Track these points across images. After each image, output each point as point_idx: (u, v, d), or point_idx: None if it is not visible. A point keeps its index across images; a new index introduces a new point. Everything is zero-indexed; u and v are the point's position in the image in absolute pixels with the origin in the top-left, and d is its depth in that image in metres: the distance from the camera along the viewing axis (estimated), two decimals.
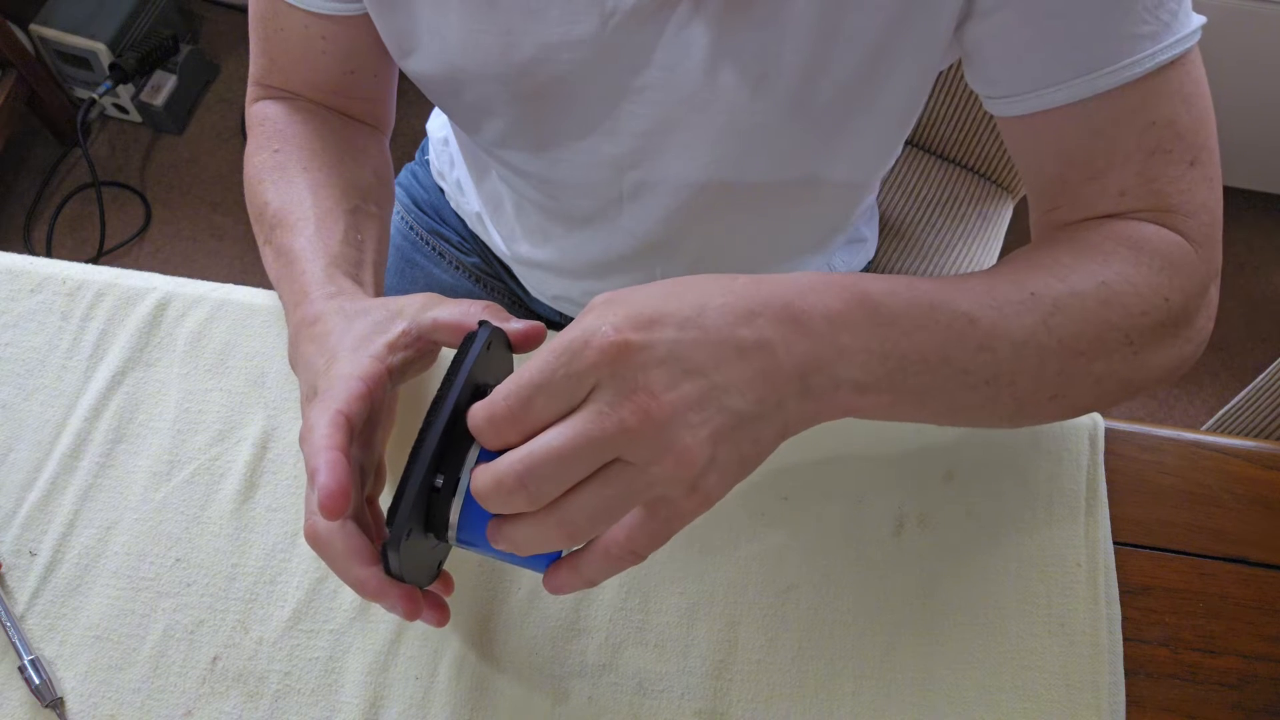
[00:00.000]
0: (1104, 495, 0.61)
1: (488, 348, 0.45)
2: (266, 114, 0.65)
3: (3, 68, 1.65)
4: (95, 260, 1.71)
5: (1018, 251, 0.54)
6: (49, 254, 1.73)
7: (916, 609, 0.57)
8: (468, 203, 0.84)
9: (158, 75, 1.78)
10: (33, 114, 1.75)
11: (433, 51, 0.59)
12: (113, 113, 1.83)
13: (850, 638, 0.57)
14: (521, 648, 0.56)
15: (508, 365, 0.48)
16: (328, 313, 0.52)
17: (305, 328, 0.52)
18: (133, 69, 1.72)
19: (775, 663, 0.56)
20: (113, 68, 1.71)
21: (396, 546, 0.42)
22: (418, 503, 0.42)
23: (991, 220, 1.04)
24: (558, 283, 0.81)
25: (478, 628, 0.57)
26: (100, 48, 1.70)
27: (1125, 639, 0.57)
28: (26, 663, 0.55)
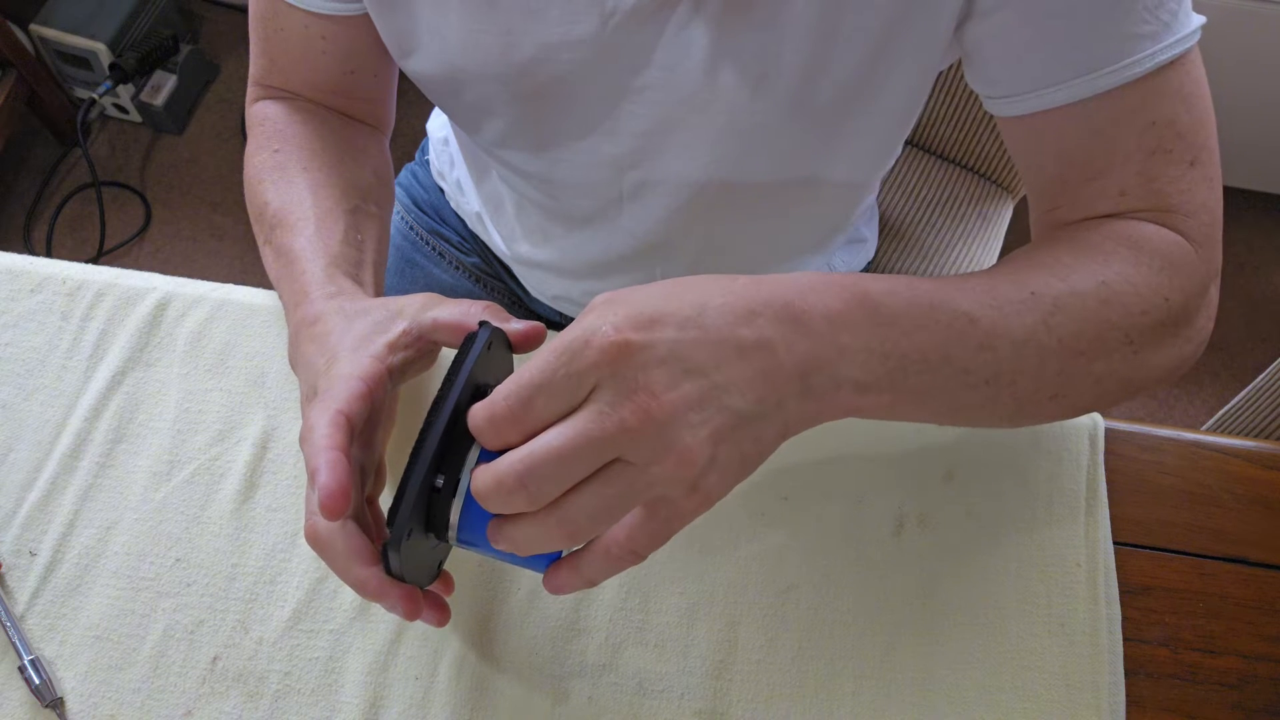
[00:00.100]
0: (1104, 495, 0.61)
1: (488, 348, 0.45)
2: (266, 114, 0.65)
3: (3, 68, 1.65)
4: (95, 260, 1.71)
5: (1018, 251, 0.54)
6: (49, 254, 1.73)
7: (916, 609, 0.57)
8: (468, 203, 0.84)
9: (158, 75, 1.78)
10: (33, 114, 1.75)
11: (433, 51, 0.59)
12: (113, 113, 1.83)
13: (850, 638, 0.57)
14: (521, 648, 0.56)
15: (508, 366, 0.48)
16: (328, 313, 0.52)
17: (305, 328, 0.52)
18: (133, 69, 1.72)
19: (775, 663, 0.56)
20: (113, 68, 1.71)
21: (397, 547, 0.42)
22: (418, 503, 0.42)
23: (991, 220, 1.04)
24: (558, 283, 0.81)
25: (478, 628, 0.57)
26: (100, 48, 1.70)
27: (1125, 639, 0.57)
28: (26, 663, 0.55)
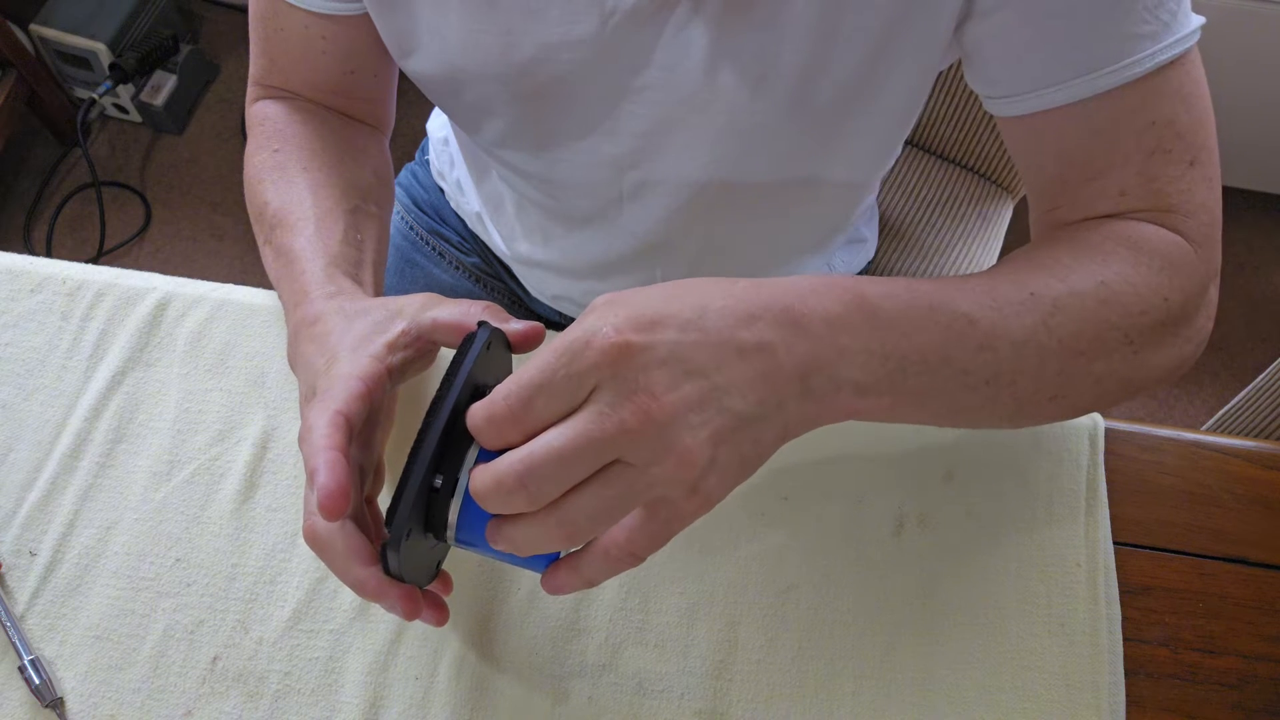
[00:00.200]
0: (1104, 495, 0.61)
1: (487, 348, 0.45)
2: (266, 114, 0.65)
3: (3, 68, 1.65)
4: (95, 260, 1.71)
5: (1017, 251, 0.54)
6: (49, 254, 1.73)
7: (916, 609, 0.57)
8: (468, 203, 0.84)
9: (158, 75, 1.78)
10: (33, 114, 1.75)
11: (433, 51, 0.59)
12: (113, 113, 1.83)
13: (850, 638, 0.57)
14: (521, 648, 0.56)
15: (507, 366, 0.48)
16: (327, 313, 0.52)
17: (305, 328, 0.52)
18: (133, 69, 1.72)
19: (775, 663, 0.56)
20: (113, 68, 1.71)
21: (396, 547, 0.42)
22: (417, 503, 0.42)
23: (991, 220, 1.04)
24: (558, 282, 0.81)
25: (478, 628, 0.57)
26: (100, 48, 1.70)
27: (1125, 639, 0.57)
28: (26, 663, 0.55)
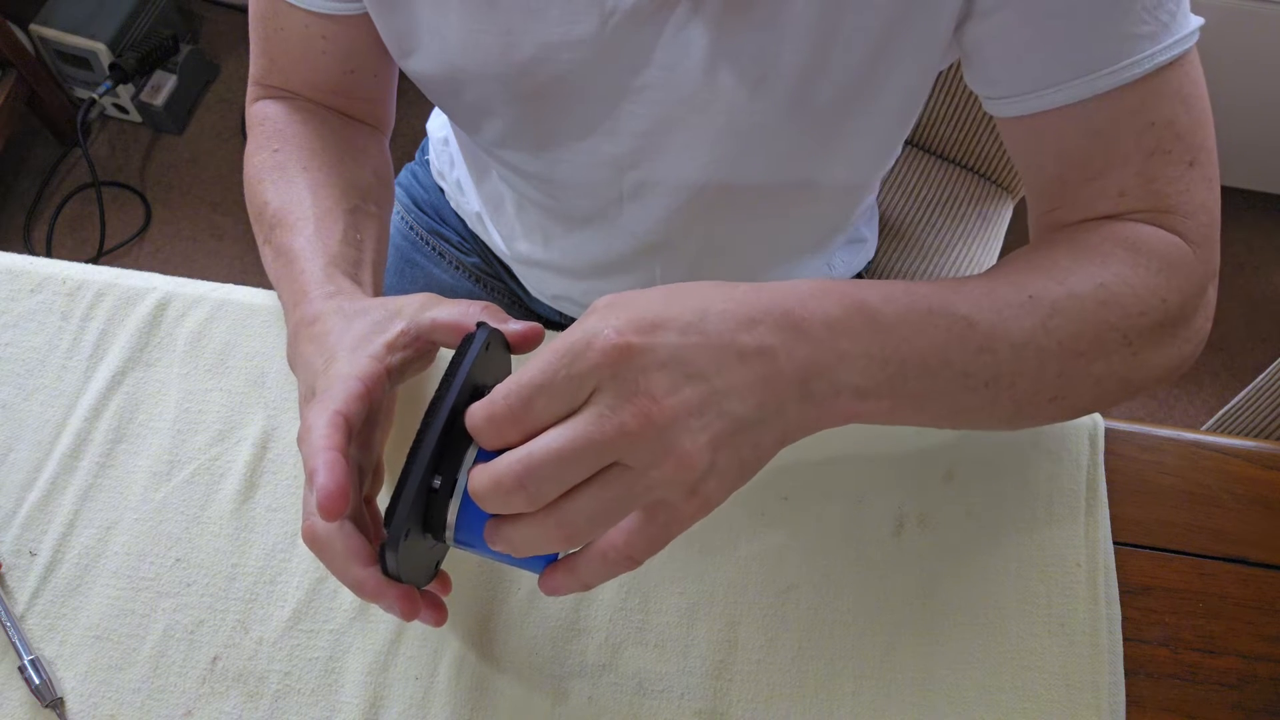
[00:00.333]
0: (1104, 495, 0.61)
1: (486, 348, 0.45)
2: (266, 114, 0.65)
3: (3, 68, 1.65)
4: (95, 260, 1.71)
5: (1015, 253, 0.54)
6: (49, 254, 1.73)
7: (916, 609, 0.57)
8: (468, 203, 0.84)
9: (158, 75, 1.78)
10: (33, 114, 1.75)
11: (433, 51, 0.59)
12: (113, 113, 1.83)
13: (850, 638, 0.57)
14: (521, 648, 0.56)
15: (506, 366, 0.48)
16: (326, 312, 0.52)
17: (304, 327, 0.52)
18: (133, 69, 1.72)
19: (775, 663, 0.56)
20: (113, 68, 1.71)
21: (394, 547, 0.42)
22: (415, 503, 0.42)
23: (991, 220, 1.04)
24: (558, 282, 0.81)
25: (478, 628, 0.57)
26: (100, 48, 1.70)
27: (1125, 639, 0.57)
28: (26, 663, 0.55)
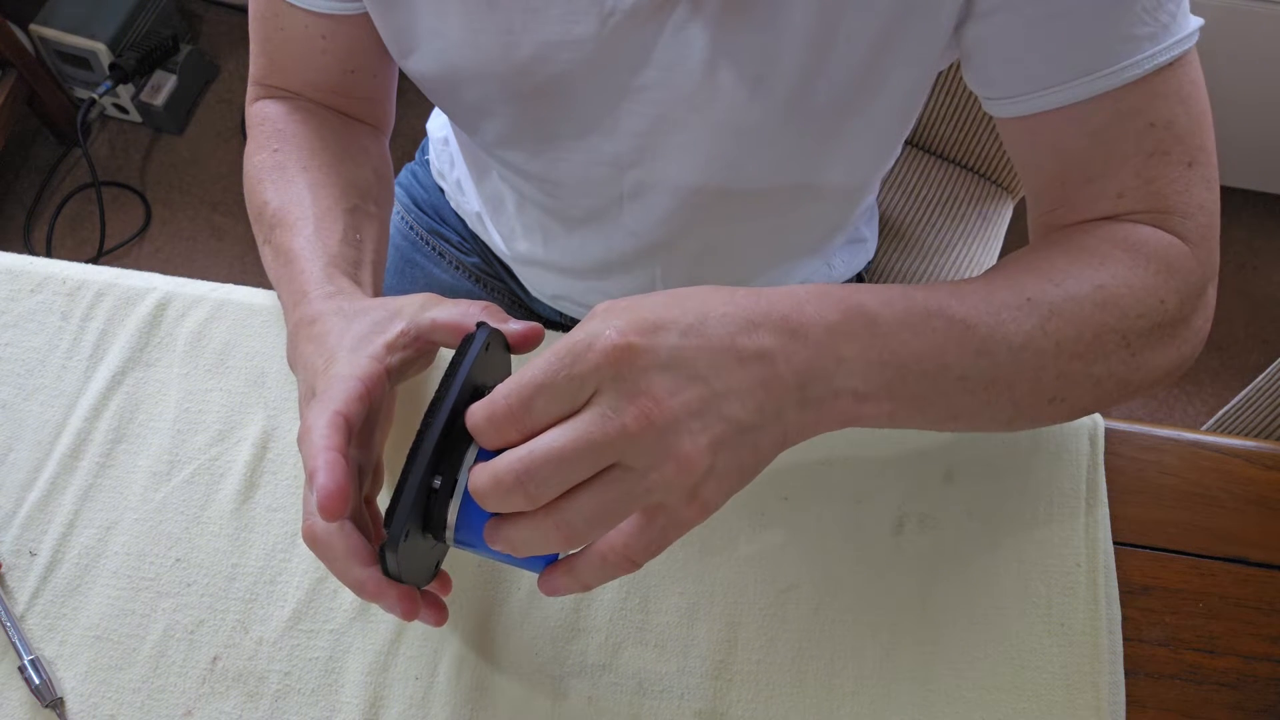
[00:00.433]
0: (1104, 495, 0.61)
1: (486, 349, 0.45)
2: (266, 114, 0.65)
3: (3, 68, 1.65)
4: (95, 260, 1.71)
5: (1014, 255, 0.54)
6: (49, 254, 1.73)
7: (916, 609, 0.57)
8: (468, 202, 0.84)
9: (158, 75, 1.78)
10: (33, 114, 1.75)
11: (432, 51, 0.59)
12: (113, 113, 1.83)
13: (850, 638, 0.57)
14: (521, 648, 0.56)
15: (506, 367, 0.48)
16: (326, 313, 0.52)
17: (304, 327, 0.52)
18: (133, 69, 1.72)
19: (775, 663, 0.56)
20: (113, 68, 1.71)
21: (395, 547, 0.42)
22: (416, 503, 0.42)
23: (991, 220, 1.04)
24: (558, 281, 0.81)
25: (478, 628, 0.57)
26: (100, 48, 1.70)
27: (1125, 639, 0.57)
28: (26, 663, 0.55)
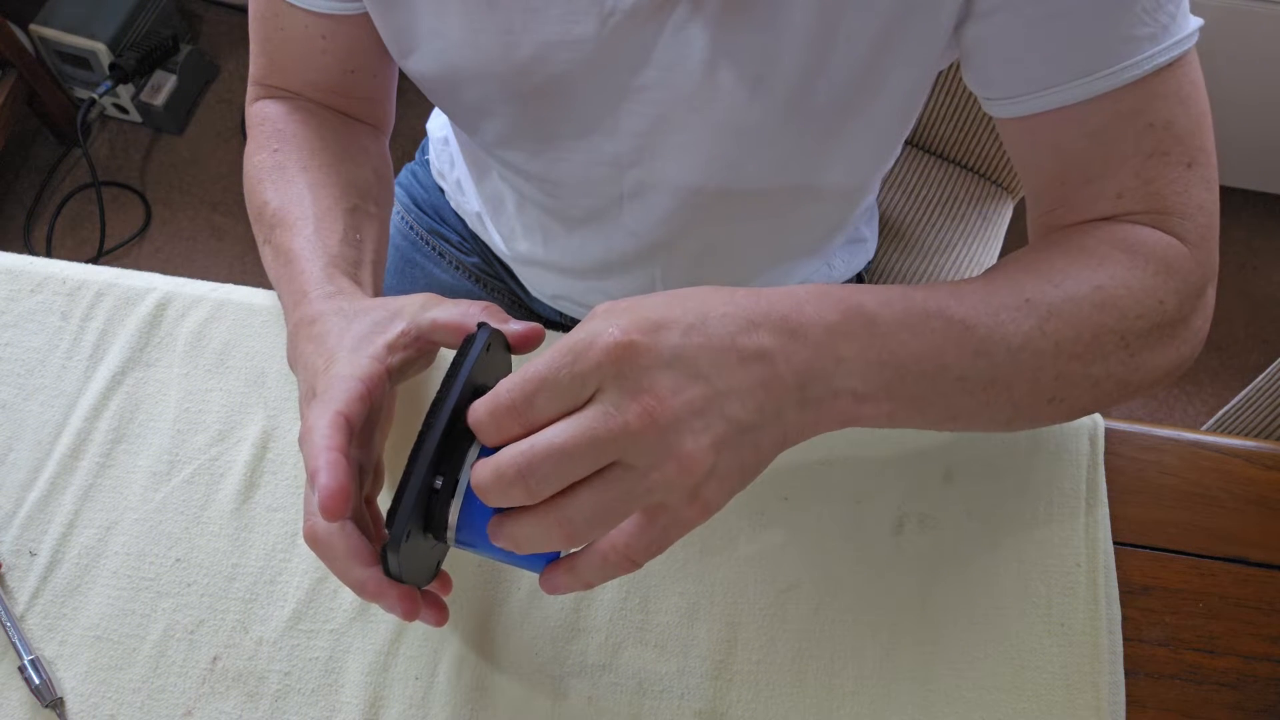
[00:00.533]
0: (1104, 495, 0.61)
1: (487, 349, 0.45)
2: (266, 114, 0.65)
3: (3, 68, 1.65)
4: (95, 260, 1.71)
5: (1013, 255, 0.54)
6: (49, 254, 1.73)
7: (916, 609, 0.57)
8: (468, 202, 0.84)
9: (158, 75, 1.78)
10: (33, 114, 1.75)
11: (432, 51, 0.59)
12: (113, 113, 1.83)
13: (850, 638, 0.57)
14: (521, 648, 0.56)
15: (506, 367, 0.48)
16: (327, 313, 0.52)
17: (304, 327, 0.52)
18: (133, 69, 1.72)
19: (775, 663, 0.56)
20: (113, 68, 1.71)
21: (396, 548, 0.42)
22: (417, 504, 0.42)
23: (991, 220, 1.04)
24: (558, 281, 0.81)
25: (478, 628, 0.57)
26: (100, 48, 1.70)
27: (1125, 639, 0.57)
28: (26, 663, 0.55)
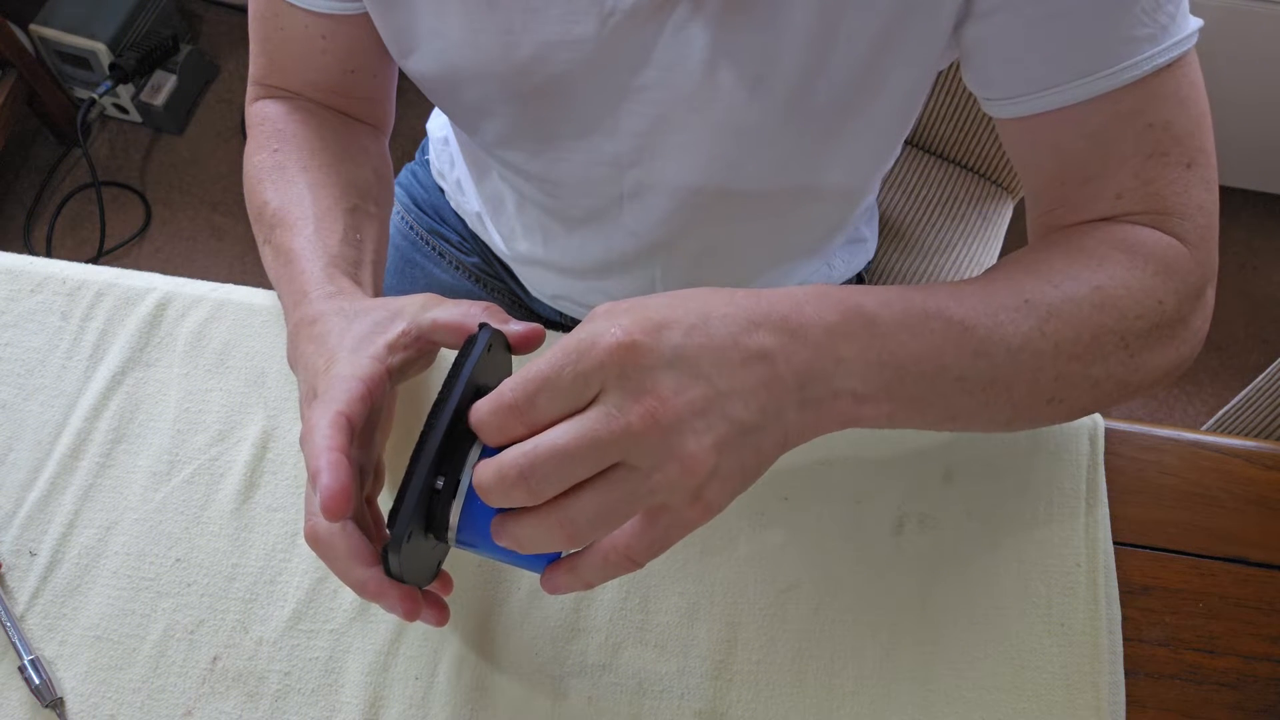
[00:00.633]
0: (1104, 495, 0.61)
1: (488, 350, 0.45)
2: (266, 114, 0.65)
3: (3, 68, 1.65)
4: (95, 260, 1.71)
5: (1012, 256, 0.54)
6: (49, 254, 1.73)
7: (916, 609, 0.57)
8: (468, 202, 0.84)
9: (158, 75, 1.78)
10: (33, 114, 1.75)
11: (432, 51, 0.59)
12: (113, 113, 1.83)
13: (850, 638, 0.57)
14: (521, 648, 0.56)
15: (507, 367, 0.48)
16: (327, 313, 0.52)
17: (304, 328, 0.52)
18: (133, 69, 1.72)
19: (775, 663, 0.56)
20: (113, 68, 1.71)
21: (397, 548, 0.42)
22: (419, 504, 0.42)
23: (991, 220, 1.04)
24: (558, 281, 0.81)
25: (478, 628, 0.57)
26: (100, 48, 1.70)
27: (1125, 639, 0.57)
28: (26, 663, 0.55)
